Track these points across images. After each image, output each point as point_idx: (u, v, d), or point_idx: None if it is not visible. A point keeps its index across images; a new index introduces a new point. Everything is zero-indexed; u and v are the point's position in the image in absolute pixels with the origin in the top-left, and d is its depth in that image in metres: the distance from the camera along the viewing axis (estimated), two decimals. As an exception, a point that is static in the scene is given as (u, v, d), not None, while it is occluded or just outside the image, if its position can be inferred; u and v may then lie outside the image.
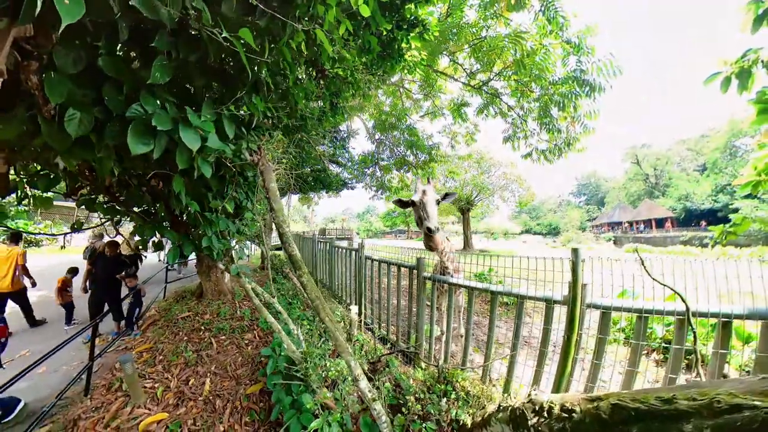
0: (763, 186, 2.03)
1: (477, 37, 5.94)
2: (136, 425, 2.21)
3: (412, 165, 9.75)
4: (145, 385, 2.68)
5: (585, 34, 5.42)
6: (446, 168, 17.90)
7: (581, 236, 36.35)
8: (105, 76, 0.97)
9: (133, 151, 0.94)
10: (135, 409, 2.40)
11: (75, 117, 0.93)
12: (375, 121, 9.90)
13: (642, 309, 1.81)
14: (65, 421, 2.33)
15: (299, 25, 1.35)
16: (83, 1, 0.62)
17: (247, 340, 3.53)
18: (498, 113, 7.52)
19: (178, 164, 1.07)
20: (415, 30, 3.60)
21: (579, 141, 6.63)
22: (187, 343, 3.41)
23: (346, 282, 4.75)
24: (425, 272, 2.94)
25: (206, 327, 3.81)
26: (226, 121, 1.32)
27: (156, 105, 1.04)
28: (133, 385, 2.46)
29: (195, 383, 2.74)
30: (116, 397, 2.56)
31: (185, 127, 1.04)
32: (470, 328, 2.53)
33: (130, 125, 0.94)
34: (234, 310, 4.35)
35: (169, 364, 3.04)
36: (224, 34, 0.91)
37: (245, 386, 2.68)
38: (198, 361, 3.09)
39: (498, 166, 22.55)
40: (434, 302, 2.84)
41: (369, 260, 3.90)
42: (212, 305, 4.48)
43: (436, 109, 9.52)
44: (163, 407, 2.43)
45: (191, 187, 1.52)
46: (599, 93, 5.48)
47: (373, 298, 3.97)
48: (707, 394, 0.61)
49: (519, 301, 2.24)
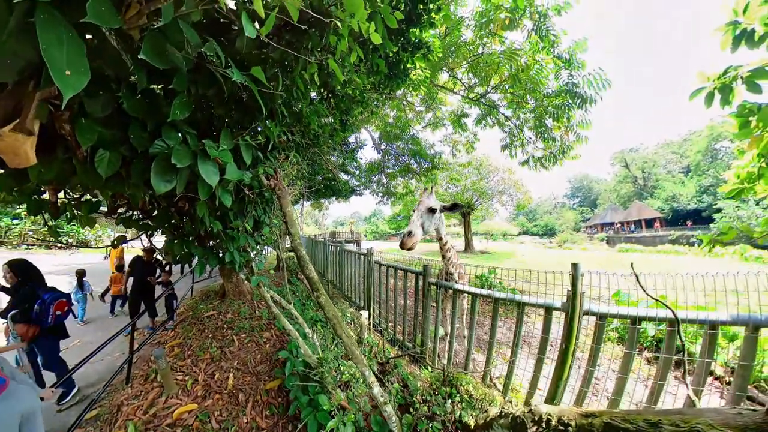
0: (745, 193, 2.09)
1: (474, 54, 5.88)
2: (170, 413, 2.27)
3: (416, 172, 9.71)
4: (176, 377, 2.72)
5: (575, 49, 5.29)
6: (448, 174, 17.76)
7: (576, 237, 35.41)
8: (130, 116, 0.97)
9: (158, 191, 0.94)
10: (169, 399, 2.46)
11: (104, 157, 0.94)
12: (380, 132, 9.87)
13: (636, 316, 1.72)
14: (111, 407, 2.43)
15: (312, 57, 1.32)
16: (87, 69, 0.57)
17: (265, 339, 3.54)
18: (495, 123, 7.40)
19: (200, 194, 1.05)
20: (420, 51, 3.57)
21: (573, 149, 6.48)
22: (212, 340, 3.45)
23: (356, 283, 4.73)
24: (431, 278, 2.90)
25: (228, 325, 3.85)
26: (243, 149, 1.30)
27: (177, 138, 1.03)
28: (167, 377, 2.52)
29: (220, 377, 2.76)
30: (152, 387, 2.62)
31: (204, 161, 1.02)
32: (473, 333, 2.46)
33: (153, 164, 0.94)
34: (253, 310, 4.39)
35: (197, 359, 3.08)
36: (235, 77, 0.88)
37: (264, 382, 2.69)
38: (222, 357, 3.12)
39: (496, 172, 22.31)
40: (439, 305, 2.80)
41: (378, 265, 3.88)
42: (233, 305, 4.53)
43: (438, 120, 9.45)
44: (193, 398, 2.47)
45: (214, 209, 1.53)
46: (590, 105, 5.38)
47: (381, 300, 3.95)
48: (689, 422, 0.64)
49: (520, 308, 2.17)
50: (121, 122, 0.99)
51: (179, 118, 0.94)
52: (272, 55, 1.25)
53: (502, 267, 5.09)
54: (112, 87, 0.91)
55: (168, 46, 0.80)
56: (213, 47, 0.88)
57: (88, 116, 0.86)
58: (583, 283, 1.86)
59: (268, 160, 1.81)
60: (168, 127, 1.01)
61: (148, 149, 0.97)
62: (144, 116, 0.99)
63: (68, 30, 0.57)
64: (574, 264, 1.85)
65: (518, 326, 2.20)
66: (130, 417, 2.27)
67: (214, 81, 1.08)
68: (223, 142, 1.17)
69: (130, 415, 2.30)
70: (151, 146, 0.97)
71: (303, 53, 1.27)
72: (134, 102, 0.95)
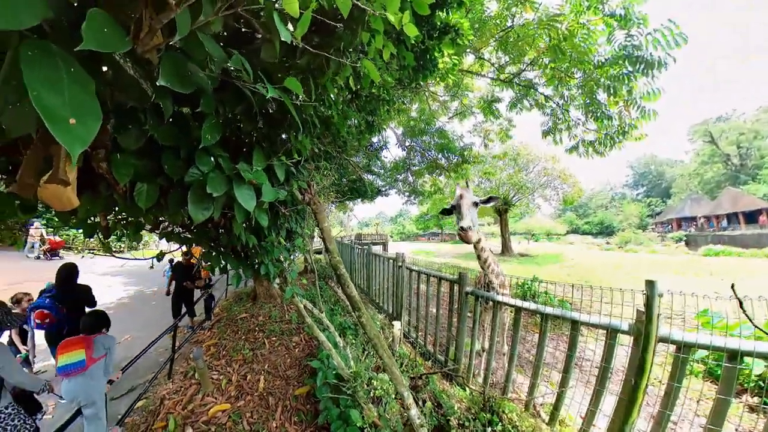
0: None
1: (502, 28, 5.20)
2: (206, 411, 2.51)
3: (444, 168, 9.18)
4: (212, 376, 3.00)
5: (631, 2, 4.30)
6: (480, 169, 16.20)
7: (641, 236, 29.64)
8: (163, 146, 1.01)
9: (195, 220, 0.97)
10: (205, 396, 2.72)
11: (143, 190, 0.99)
12: (404, 128, 9.53)
13: (738, 350, 1.35)
14: (155, 398, 2.77)
15: (344, 59, 1.24)
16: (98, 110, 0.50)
17: (295, 343, 3.73)
18: (533, 105, 6.55)
19: (237, 218, 1.10)
20: (447, 37, 3.34)
21: (636, 128, 5.37)
22: (245, 342, 3.74)
23: (384, 288, 4.73)
24: (468, 286, 2.75)
25: (260, 328, 4.14)
26: (277, 167, 1.33)
27: (210, 163, 1.04)
28: (204, 376, 2.77)
29: (251, 379, 2.97)
30: (191, 384, 2.93)
31: (239, 186, 1.04)
32: (516, 352, 2.27)
33: (189, 193, 0.97)
34: (283, 313, 4.67)
35: (231, 360, 3.36)
36: (270, 93, 0.85)
37: (294, 387, 2.83)
38: (253, 359, 3.35)
39: (537, 162, 19.98)
40: (477, 317, 2.65)
41: (409, 270, 3.83)
42: (265, 308, 4.88)
43: (465, 108, 8.81)
44: (227, 398, 2.70)
45: (249, 225, 1.63)
46: (659, 70, 4.28)
47: (412, 308, 3.89)
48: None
49: (574, 328, 1.92)
50: (154, 152, 1.02)
51: (211, 142, 0.95)
52: (299, 62, 1.22)
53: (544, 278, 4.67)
54: (140, 118, 0.92)
55: (189, 65, 0.76)
56: (239, 61, 0.84)
57: (123, 151, 0.89)
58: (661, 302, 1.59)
59: (301, 174, 1.85)
60: (201, 153, 1.03)
61: (183, 177, 1.00)
62: (176, 143, 1.02)
63: (69, 66, 0.48)
64: (650, 281, 1.57)
65: (571, 348, 1.96)
66: (170, 411, 2.55)
67: (242, 97, 1.07)
68: (257, 163, 1.19)
69: (170, 408, 2.58)
70: (186, 175, 0.99)
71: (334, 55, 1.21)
72: (164, 130, 0.97)
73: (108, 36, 0.52)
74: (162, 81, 0.68)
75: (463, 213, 2.15)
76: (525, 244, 32.45)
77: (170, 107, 0.86)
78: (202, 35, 0.75)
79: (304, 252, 2.99)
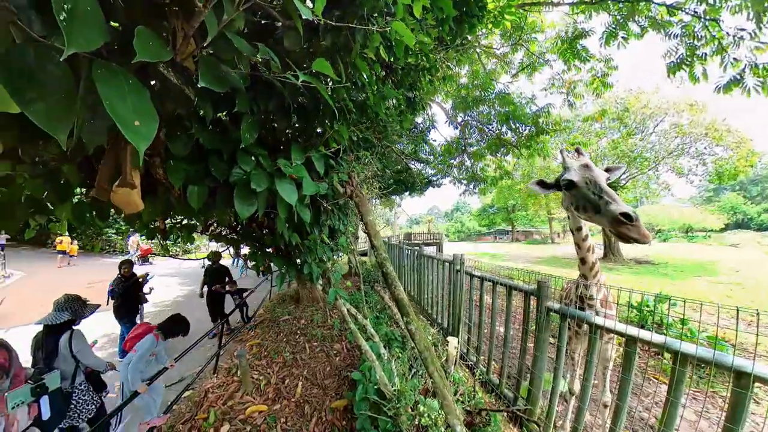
0: None
1: None
2: (244, 410, 2.99)
3: (511, 145, 8.14)
4: (252, 376, 3.53)
5: None
6: (565, 139, 13.20)
7: None
8: (208, 150, 1.30)
9: (242, 216, 1.24)
10: (244, 395, 3.23)
11: (194, 191, 1.29)
12: (453, 101, 8.77)
13: None
14: (200, 390, 3.42)
15: (372, 25, 1.30)
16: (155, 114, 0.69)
17: (336, 351, 4.08)
18: (648, 27, 5.05)
19: (279, 214, 1.38)
20: None
21: None
22: (286, 344, 4.28)
23: (437, 297, 4.73)
24: (551, 300, 2.47)
25: (301, 331, 4.68)
26: (315, 160, 1.54)
27: (251, 162, 1.30)
28: (245, 376, 3.31)
29: (289, 384, 3.41)
30: (232, 381, 3.52)
31: (281, 181, 1.28)
32: (626, 405, 1.85)
33: (234, 191, 1.25)
34: (325, 318, 5.17)
35: (271, 361, 3.90)
36: (301, 78, 0.98)
37: (331, 398, 3.12)
38: (293, 363, 3.82)
39: (660, 117, 14.87)
40: (564, 345, 2.31)
41: (469, 276, 3.75)
42: (307, 311, 5.49)
43: (534, 58, 7.61)
44: (264, 399, 3.16)
45: (291, 223, 1.88)
46: None
47: (472, 323, 3.80)
48: None
49: (740, 383, 1.36)
50: (201, 158, 1.32)
51: (250, 141, 1.20)
52: (324, 43, 1.34)
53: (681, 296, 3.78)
54: (186, 125, 1.19)
55: (223, 67, 0.96)
56: (266, 51, 0.98)
57: (175, 158, 1.19)
58: None
59: (341, 166, 2.03)
60: (242, 153, 1.30)
61: (228, 178, 1.29)
62: (219, 146, 1.30)
63: (127, 78, 0.67)
64: None
65: (734, 418, 1.37)
66: (213, 404, 3.08)
67: (272, 92, 1.32)
68: (295, 157, 1.42)
69: (213, 402, 3.11)
70: (230, 174, 1.28)
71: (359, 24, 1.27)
72: (207, 135, 1.25)
73: (154, 48, 0.70)
74: (202, 83, 0.87)
75: (608, 192, 1.63)
76: (644, 245, 26.50)
77: (210, 111, 1.09)
78: (229, 33, 0.91)
79: (348, 252, 3.21)
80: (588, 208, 1.72)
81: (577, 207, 1.81)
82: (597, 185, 1.71)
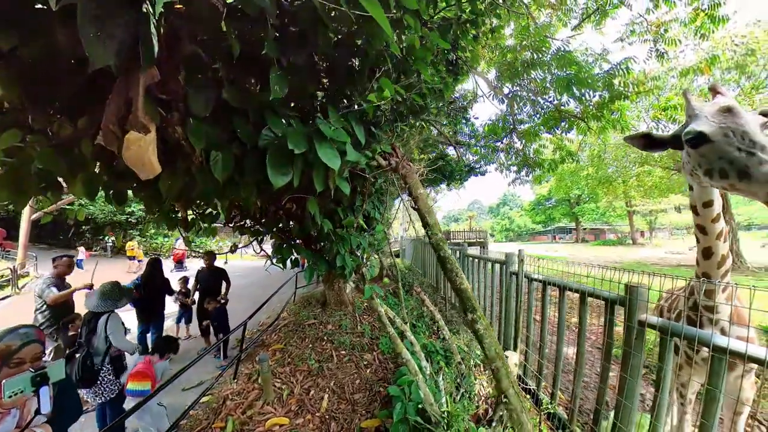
0: None
1: None
2: (264, 421, 2.98)
3: (575, 117, 7.08)
4: (274, 384, 3.53)
5: None
6: (651, 104, 10.24)
7: None
8: (232, 110, 1.22)
9: (276, 185, 1.16)
10: (265, 405, 3.23)
11: (218, 158, 1.21)
12: (497, 68, 7.81)
13: None
14: (218, 397, 3.47)
15: None
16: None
17: (366, 362, 3.97)
18: None
19: (316, 187, 1.29)
20: None
21: None
22: (312, 352, 4.24)
23: (485, 305, 4.49)
24: (646, 313, 2.02)
25: (329, 338, 4.62)
26: (354, 125, 1.45)
27: (282, 124, 1.23)
28: (267, 384, 3.32)
29: (314, 396, 3.35)
30: (253, 388, 3.55)
31: (321, 143, 1.18)
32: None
33: (266, 157, 1.18)
34: (355, 324, 5.08)
35: (295, 369, 3.88)
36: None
37: (361, 416, 3.00)
38: (319, 372, 3.76)
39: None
40: (666, 374, 1.88)
41: (527, 280, 3.43)
42: (334, 316, 5.44)
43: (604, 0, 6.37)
44: (286, 411, 3.13)
45: (323, 205, 1.83)
46: None
47: (531, 339, 3.50)
48: None
49: None
50: (225, 119, 1.25)
51: (279, 95, 1.11)
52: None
53: None
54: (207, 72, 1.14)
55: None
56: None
57: (195, 116, 1.12)
58: None
59: (380, 137, 1.95)
60: (271, 114, 1.23)
61: (257, 144, 1.21)
62: (245, 105, 1.23)
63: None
64: None
65: None
66: (231, 412, 3.11)
67: (304, 43, 1.25)
68: (334, 121, 1.34)
69: (231, 410, 3.15)
70: (259, 139, 1.20)
71: None
72: (233, 91, 1.18)
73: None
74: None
75: (765, 145, 1.26)
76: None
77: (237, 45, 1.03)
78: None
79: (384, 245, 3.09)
80: (730, 171, 1.33)
81: (710, 171, 1.42)
82: (747, 137, 1.30)
